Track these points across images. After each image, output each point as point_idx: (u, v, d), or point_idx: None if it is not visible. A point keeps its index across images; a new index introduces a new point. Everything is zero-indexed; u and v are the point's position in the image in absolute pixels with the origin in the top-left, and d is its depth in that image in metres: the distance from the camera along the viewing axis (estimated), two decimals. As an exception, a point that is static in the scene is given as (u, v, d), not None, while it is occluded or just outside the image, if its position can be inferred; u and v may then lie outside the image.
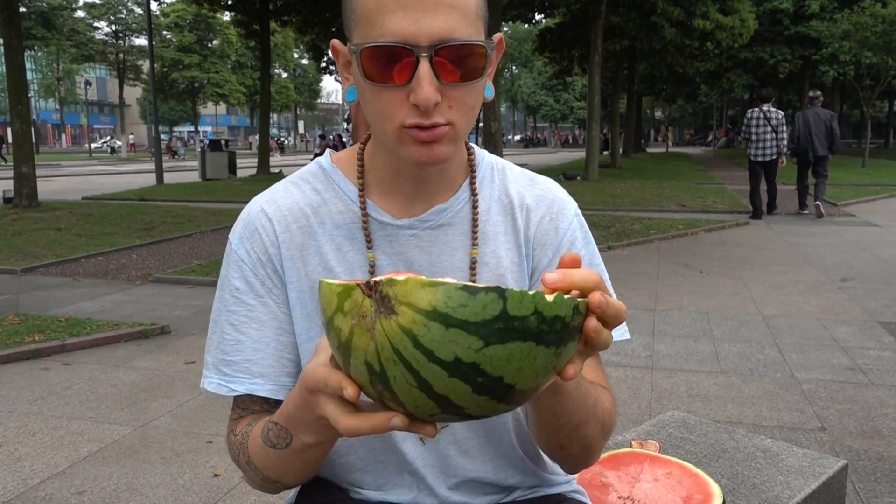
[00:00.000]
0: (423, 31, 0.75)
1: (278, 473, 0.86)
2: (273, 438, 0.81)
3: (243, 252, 0.93)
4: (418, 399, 0.60)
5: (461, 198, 0.94)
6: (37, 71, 54.99)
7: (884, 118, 51.96)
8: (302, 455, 0.81)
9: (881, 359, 4.18)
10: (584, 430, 0.86)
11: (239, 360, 0.92)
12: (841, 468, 1.70)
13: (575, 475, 1.40)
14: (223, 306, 0.94)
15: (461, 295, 0.57)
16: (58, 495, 2.68)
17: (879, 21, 21.30)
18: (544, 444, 0.90)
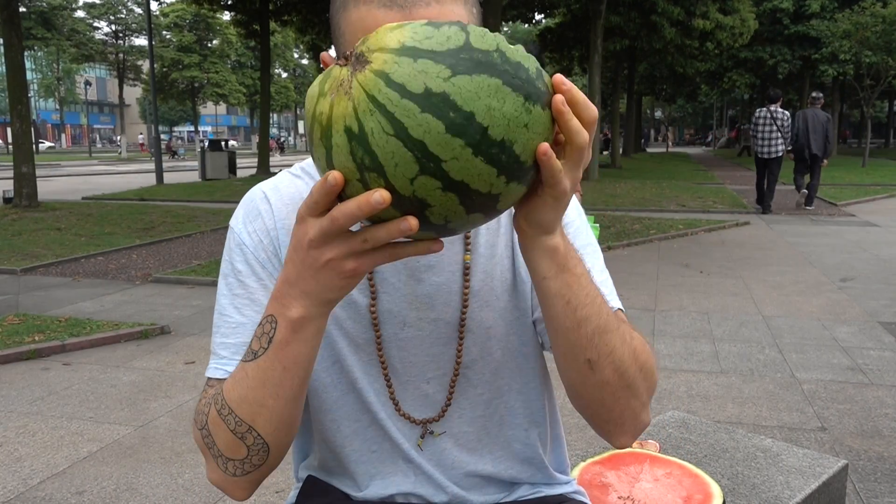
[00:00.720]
0: None
1: (254, 405, 0.77)
2: (255, 345, 0.77)
3: (245, 235, 0.93)
4: (396, 153, 0.59)
5: None
6: (37, 71, 54.99)
7: (884, 118, 51.97)
8: (285, 354, 0.74)
9: (881, 359, 4.18)
10: (609, 339, 0.80)
11: (238, 342, 0.90)
12: (841, 468, 1.70)
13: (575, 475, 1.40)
14: (227, 289, 0.93)
15: (426, 29, 0.60)
16: (58, 495, 2.68)
17: (879, 21, 21.30)
18: (572, 365, 0.82)
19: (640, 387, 0.84)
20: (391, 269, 0.93)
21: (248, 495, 0.85)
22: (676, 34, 21.78)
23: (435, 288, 0.93)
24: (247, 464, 0.81)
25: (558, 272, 0.76)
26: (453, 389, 0.97)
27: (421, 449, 0.98)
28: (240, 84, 51.58)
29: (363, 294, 0.93)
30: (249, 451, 0.80)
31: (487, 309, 0.95)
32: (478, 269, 0.94)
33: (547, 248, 0.75)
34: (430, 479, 0.98)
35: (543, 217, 0.72)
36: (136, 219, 10.70)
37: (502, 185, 0.64)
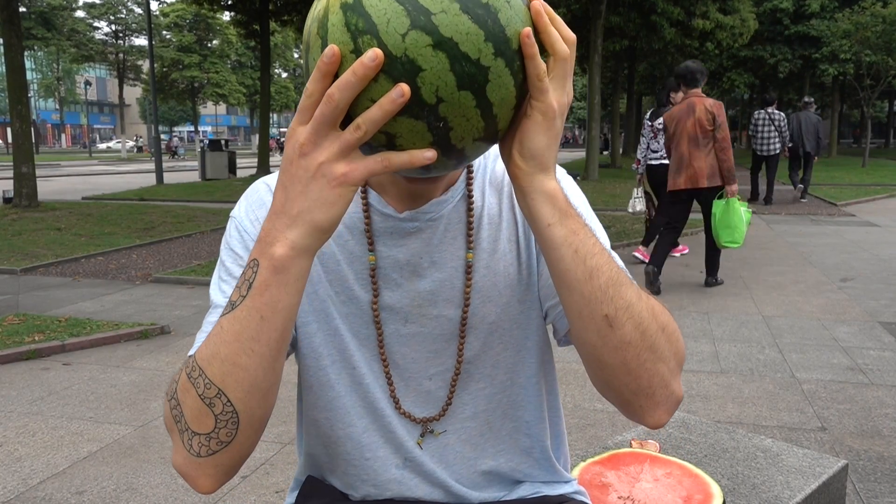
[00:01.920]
0: None
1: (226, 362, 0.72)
2: (234, 296, 0.73)
3: (248, 223, 0.92)
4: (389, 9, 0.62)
5: (459, 189, 0.94)
6: (37, 71, 55.01)
7: (884, 118, 51.97)
8: (263, 300, 0.70)
9: (881, 359, 4.18)
10: (624, 293, 0.76)
11: None
12: (841, 468, 1.70)
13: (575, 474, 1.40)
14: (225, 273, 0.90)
15: None
16: (58, 495, 2.68)
17: (880, 21, 21.31)
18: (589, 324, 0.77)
19: (664, 349, 0.78)
20: (393, 266, 0.92)
21: (213, 486, 0.77)
22: (676, 34, 21.78)
23: (437, 284, 0.93)
24: (213, 439, 0.74)
25: (562, 218, 0.75)
26: (455, 386, 0.96)
27: (421, 448, 0.97)
28: (240, 84, 51.58)
29: (365, 290, 0.93)
30: (217, 423, 0.73)
31: (490, 304, 0.94)
32: (480, 266, 0.94)
33: (546, 192, 0.74)
34: (430, 478, 0.98)
35: (535, 142, 0.72)
36: (136, 219, 10.70)
37: (490, 55, 0.65)
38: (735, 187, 5.63)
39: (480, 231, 0.94)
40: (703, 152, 5.57)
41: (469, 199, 0.94)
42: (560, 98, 0.72)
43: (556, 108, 0.71)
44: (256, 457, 2.98)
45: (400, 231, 0.92)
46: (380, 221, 0.92)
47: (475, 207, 0.94)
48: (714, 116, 5.53)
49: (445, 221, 0.92)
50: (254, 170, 21.84)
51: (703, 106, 5.56)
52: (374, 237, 0.92)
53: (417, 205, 0.91)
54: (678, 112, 5.72)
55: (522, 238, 0.96)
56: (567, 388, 3.76)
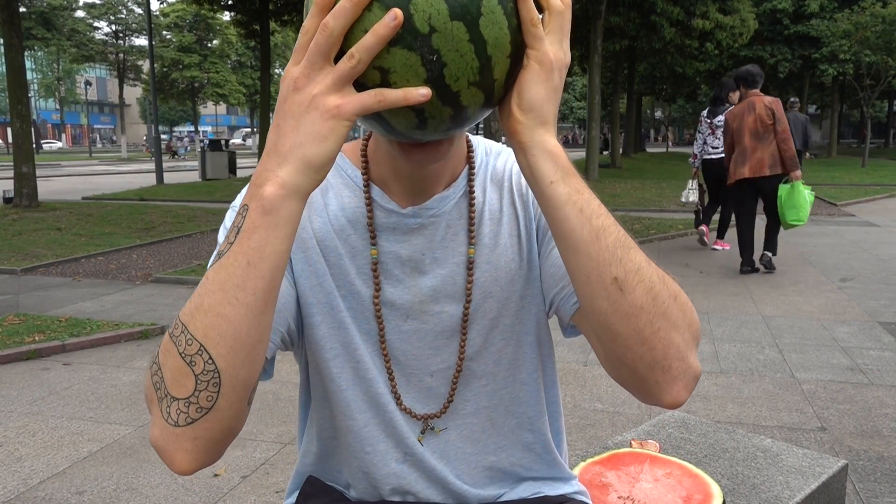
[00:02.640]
0: None
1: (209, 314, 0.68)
2: (223, 247, 0.70)
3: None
4: None
5: (461, 185, 0.94)
6: (37, 71, 55.01)
7: (884, 118, 51.96)
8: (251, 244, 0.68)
9: (881, 359, 4.18)
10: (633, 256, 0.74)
11: None
12: (841, 468, 1.70)
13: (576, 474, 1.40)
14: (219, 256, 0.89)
15: None
16: (58, 495, 2.68)
17: (879, 21, 21.31)
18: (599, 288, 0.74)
19: (678, 317, 0.75)
20: (395, 262, 0.92)
21: (191, 463, 0.72)
22: (676, 34, 21.78)
23: (439, 280, 0.93)
24: (192, 405, 0.69)
25: (564, 175, 0.73)
26: (456, 383, 0.96)
27: (421, 444, 0.97)
28: (240, 84, 51.58)
29: (367, 285, 0.93)
30: (197, 384, 0.69)
31: (492, 300, 0.94)
32: (481, 262, 0.94)
33: (546, 149, 0.73)
34: (430, 474, 0.98)
35: (533, 92, 0.71)
36: (137, 219, 10.70)
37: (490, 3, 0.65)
38: (798, 173, 6.19)
39: (482, 227, 0.94)
40: (763, 144, 6.19)
41: (470, 195, 0.94)
42: (557, 52, 0.71)
43: (552, 58, 0.71)
44: (256, 457, 2.98)
45: (402, 227, 0.91)
46: (382, 216, 0.92)
47: (476, 203, 0.94)
48: (773, 112, 6.15)
49: (447, 218, 0.92)
50: (254, 170, 21.83)
51: (763, 103, 6.20)
52: (377, 232, 0.92)
53: (420, 200, 0.91)
54: (739, 110, 6.34)
55: (524, 232, 0.96)
56: (567, 387, 3.76)
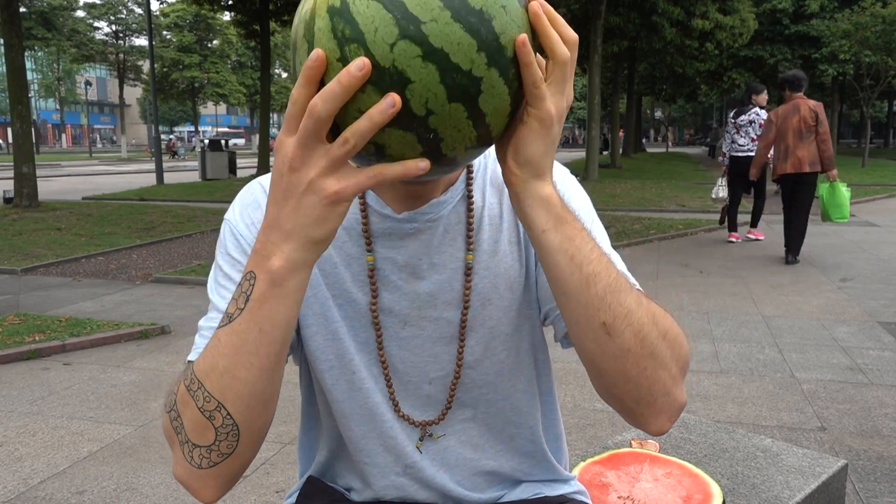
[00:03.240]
0: None
1: (225, 375, 0.71)
2: (231, 309, 0.71)
3: (242, 226, 0.89)
4: (376, 17, 0.60)
5: (459, 190, 0.92)
6: (37, 71, 55.01)
7: (884, 118, 51.98)
8: (262, 314, 0.69)
9: (881, 359, 4.18)
10: (623, 300, 0.74)
11: None
12: (841, 468, 1.71)
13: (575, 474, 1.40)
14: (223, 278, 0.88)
15: None
16: (58, 495, 2.68)
17: (879, 21, 21.32)
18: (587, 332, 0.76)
19: (665, 355, 0.76)
20: (392, 268, 0.91)
21: (216, 496, 0.77)
22: (676, 34, 21.78)
23: (437, 286, 0.91)
24: (214, 451, 0.73)
25: (557, 223, 0.72)
26: (454, 390, 0.95)
27: (420, 451, 0.97)
28: (240, 84, 51.55)
29: (363, 292, 0.91)
30: (217, 435, 0.72)
31: (491, 307, 0.93)
32: (480, 268, 0.92)
33: (540, 197, 0.72)
34: (430, 483, 0.97)
35: (531, 149, 0.70)
36: (137, 219, 10.70)
37: (483, 65, 0.62)
38: (835, 172, 6.80)
39: (481, 232, 0.92)
40: (805, 144, 6.71)
41: (469, 200, 0.92)
42: (559, 103, 0.69)
43: (553, 114, 0.69)
44: (257, 457, 2.98)
45: (398, 232, 0.90)
46: (378, 222, 0.90)
47: (475, 208, 0.92)
48: (817, 114, 6.66)
49: (445, 222, 0.91)
50: (254, 170, 21.84)
51: (807, 106, 6.72)
52: (373, 238, 0.90)
53: (416, 206, 0.89)
54: (784, 110, 6.85)
55: (524, 239, 0.94)
56: (567, 388, 3.77)
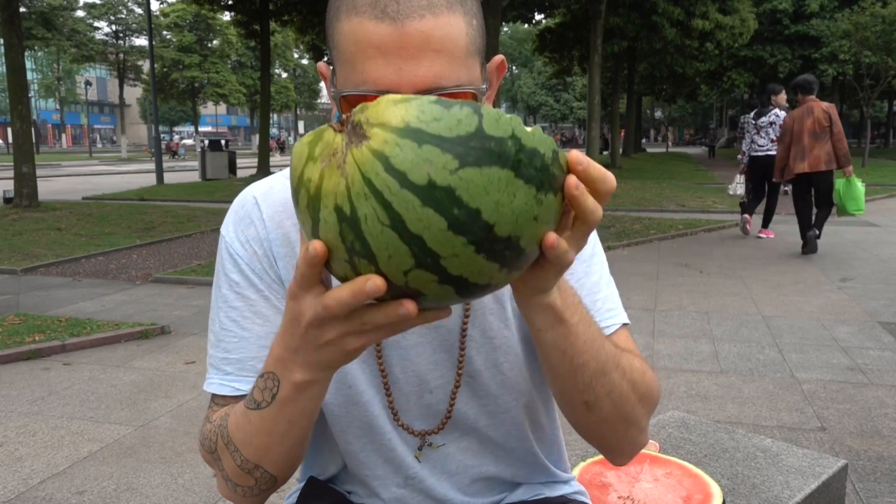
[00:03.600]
0: (405, 79, 0.70)
1: (260, 449, 0.77)
2: (257, 396, 0.75)
3: (238, 245, 0.89)
4: (391, 245, 0.54)
5: None
6: (37, 71, 55.04)
7: (884, 118, 51.97)
8: (289, 410, 0.73)
9: (881, 359, 4.18)
10: (607, 381, 0.78)
11: (243, 357, 0.87)
12: (841, 468, 1.71)
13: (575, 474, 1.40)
14: (223, 302, 0.89)
15: (435, 109, 0.53)
16: (58, 495, 2.68)
17: (879, 21, 21.32)
18: (568, 406, 0.82)
19: (639, 415, 0.84)
20: None
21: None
22: (676, 34, 21.78)
23: None
24: (255, 489, 0.82)
25: (554, 324, 0.73)
26: (454, 399, 0.94)
27: (419, 461, 0.96)
28: (240, 84, 51.55)
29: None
30: (257, 482, 0.81)
31: (492, 317, 0.91)
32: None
33: (542, 305, 0.72)
34: (431, 494, 0.97)
35: (543, 283, 0.69)
36: (137, 219, 10.70)
37: (503, 277, 0.59)
38: (851, 168, 7.21)
39: None
40: (820, 144, 7.15)
41: None
42: (579, 245, 0.64)
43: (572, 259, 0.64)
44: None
45: None
46: None
47: None
48: (829, 115, 7.11)
49: None
50: (254, 170, 21.84)
51: (820, 108, 7.15)
52: None
53: None
54: (799, 113, 7.28)
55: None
56: (567, 388, 3.76)
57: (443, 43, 0.71)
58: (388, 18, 0.70)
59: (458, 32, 0.72)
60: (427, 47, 0.70)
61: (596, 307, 0.91)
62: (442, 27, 0.71)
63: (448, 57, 0.71)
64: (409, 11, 0.69)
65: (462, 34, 0.72)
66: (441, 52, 0.71)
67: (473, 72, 0.75)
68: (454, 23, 0.71)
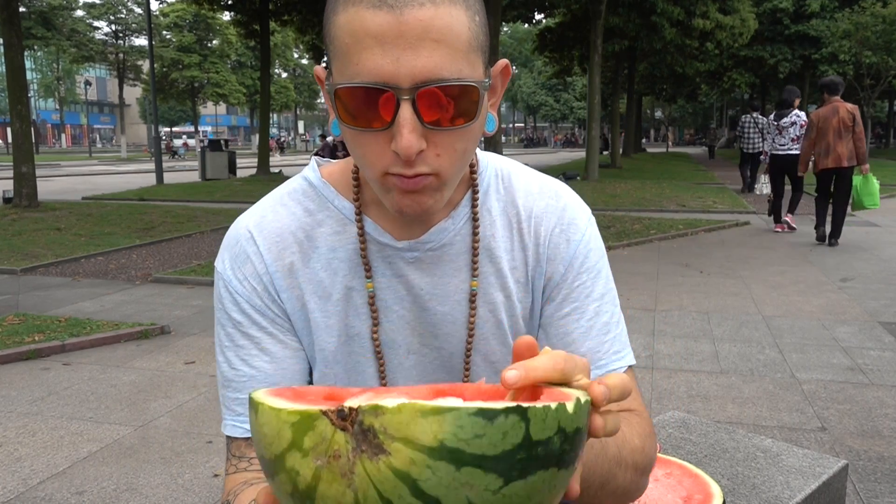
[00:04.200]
0: (403, 70, 0.67)
1: None
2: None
3: (236, 282, 0.86)
4: None
5: (462, 214, 0.87)
6: (37, 71, 55.03)
7: (884, 118, 51.98)
8: None
9: (881, 359, 4.18)
10: (613, 484, 0.79)
11: None
12: (841, 468, 1.70)
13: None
14: (229, 341, 0.87)
15: (476, 423, 0.44)
16: (58, 495, 2.68)
17: (880, 21, 21.32)
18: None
19: (638, 485, 0.85)
20: (394, 297, 0.87)
21: None
22: (676, 34, 21.78)
23: (439, 317, 0.88)
24: None
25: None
26: None
27: None
28: (240, 84, 51.56)
29: (364, 322, 0.87)
30: None
31: (494, 340, 0.89)
32: (484, 295, 0.88)
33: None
34: None
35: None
36: (136, 219, 10.70)
37: None
38: (868, 166, 7.83)
39: (486, 258, 0.88)
40: (843, 141, 7.71)
41: (474, 223, 0.87)
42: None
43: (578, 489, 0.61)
44: (256, 457, 2.98)
45: (399, 260, 0.86)
46: (377, 251, 0.86)
47: (481, 230, 0.88)
48: (854, 116, 7.66)
49: (447, 251, 0.87)
50: (254, 170, 21.84)
51: (845, 108, 7.69)
52: (372, 265, 0.86)
53: (417, 232, 0.86)
54: (825, 112, 7.80)
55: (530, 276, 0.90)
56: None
57: (443, 33, 0.67)
58: (385, 7, 0.67)
59: (459, 24, 0.69)
60: (427, 36, 0.67)
61: (604, 349, 0.89)
62: (442, 17, 0.68)
63: (449, 48, 0.68)
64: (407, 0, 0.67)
65: (464, 26, 0.69)
66: (441, 42, 0.67)
67: (476, 68, 0.72)
68: (455, 14, 0.69)
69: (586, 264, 0.90)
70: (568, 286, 0.89)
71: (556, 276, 0.89)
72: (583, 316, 0.89)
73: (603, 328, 0.89)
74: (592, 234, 0.92)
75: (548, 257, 0.89)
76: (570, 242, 0.90)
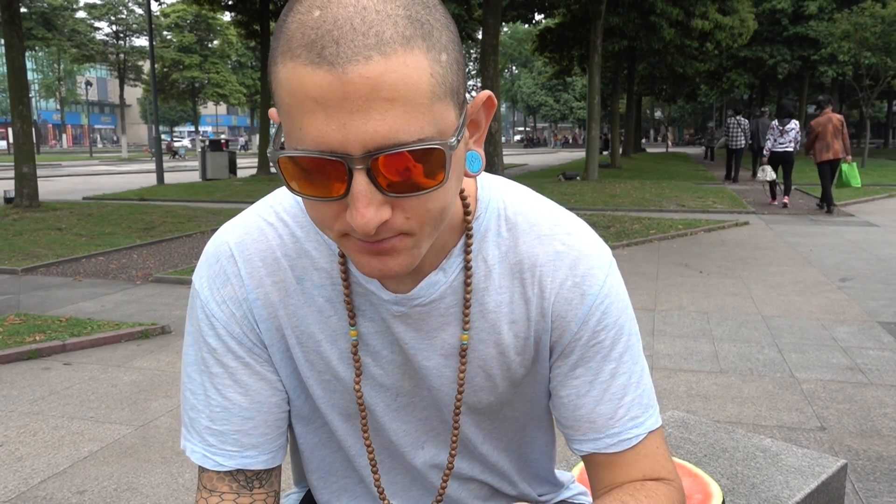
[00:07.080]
0: (352, 137, 0.56)
1: None
2: None
3: (214, 306, 0.80)
4: None
5: (455, 264, 0.78)
6: (38, 71, 55.07)
7: (883, 118, 51.99)
8: None
9: (881, 359, 4.18)
10: None
11: (227, 430, 0.80)
12: (840, 468, 1.71)
13: (575, 475, 1.40)
14: (203, 365, 0.81)
15: None
16: (58, 495, 2.68)
17: (879, 21, 21.32)
18: None
19: None
20: (380, 342, 0.81)
21: None
22: (676, 34, 21.78)
23: (427, 371, 0.82)
24: None
25: None
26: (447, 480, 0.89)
27: None
28: (240, 84, 51.61)
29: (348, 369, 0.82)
30: None
31: (483, 393, 0.84)
32: (476, 350, 0.82)
33: None
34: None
35: None
36: (137, 219, 10.70)
37: None
38: (850, 157, 10.82)
39: (478, 311, 0.80)
40: (837, 140, 10.75)
41: (467, 273, 0.78)
42: None
43: None
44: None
45: (384, 311, 0.79)
46: (362, 297, 0.79)
47: (474, 280, 0.79)
48: (842, 122, 10.71)
49: (437, 307, 0.79)
50: (254, 170, 21.85)
51: (836, 118, 10.72)
52: (356, 311, 0.80)
53: (405, 286, 0.78)
54: (822, 120, 10.79)
55: (533, 331, 0.82)
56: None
57: (397, 89, 0.56)
58: (325, 64, 0.55)
59: (417, 74, 0.56)
60: (376, 96, 0.55)
61: (618, 415, 0.81)
62: (395, 70, 0.55)
63: (405, 105, 0.56)
64: (351, 54, 0.55)
65: (424, 75, 0.57)
66: (395, 100, 0.56)
67: (444, 120, 0.59)
68: (412, 63, 0.56)
69: (605, 321, 0.80)
70: (582, 346, 0.80)
71: (568, 335, 0.80)
72: (597, 378, 0.81)
73: (619, 391, 0.81)
74: (612, 285, 0.81)
75: (557, 314, 0.80)
76: (585, 297, 0.79)
